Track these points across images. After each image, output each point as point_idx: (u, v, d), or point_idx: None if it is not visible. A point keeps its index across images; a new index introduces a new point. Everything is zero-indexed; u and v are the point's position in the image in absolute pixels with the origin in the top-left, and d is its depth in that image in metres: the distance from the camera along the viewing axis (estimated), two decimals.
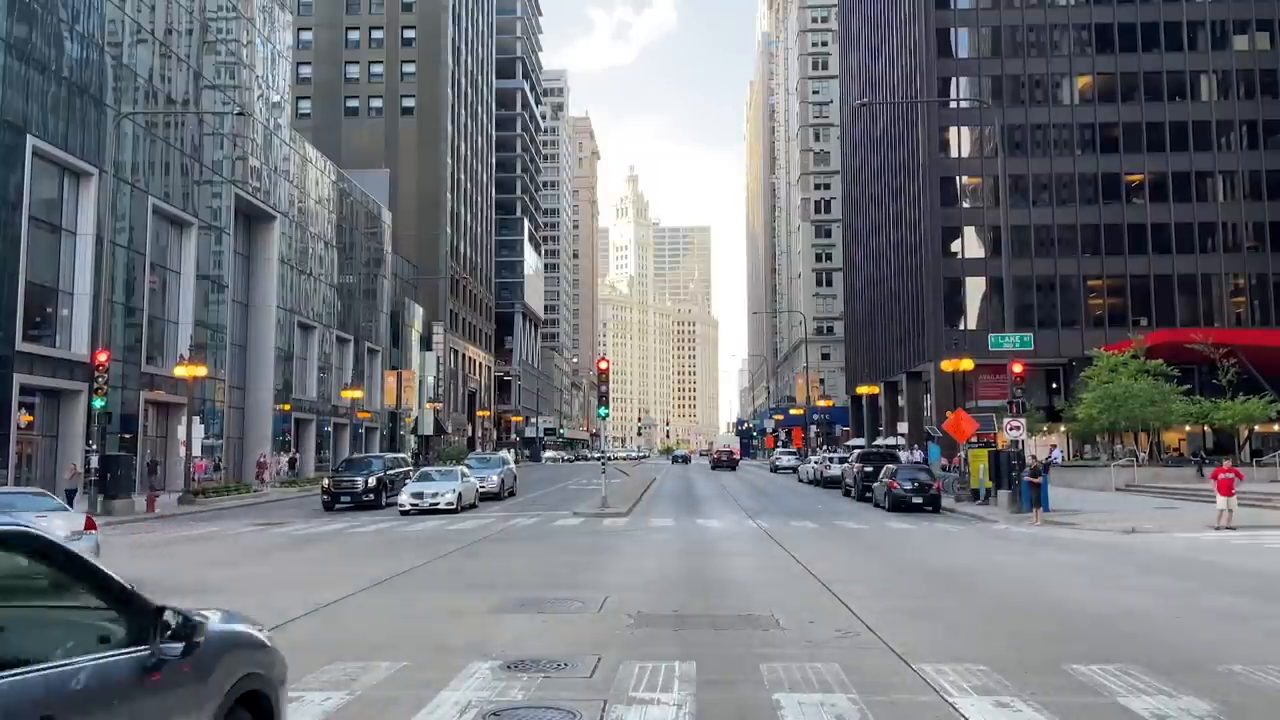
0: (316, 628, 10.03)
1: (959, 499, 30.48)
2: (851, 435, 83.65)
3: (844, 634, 9.56)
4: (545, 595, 12.08)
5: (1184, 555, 17.12)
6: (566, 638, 9.42)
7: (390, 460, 34.98)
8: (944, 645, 9.07)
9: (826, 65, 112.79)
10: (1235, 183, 59.97)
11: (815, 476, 46.47)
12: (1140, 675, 7.70)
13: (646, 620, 10.31)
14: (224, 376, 45.81)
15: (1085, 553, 17.61)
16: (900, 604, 11.56)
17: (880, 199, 77.02)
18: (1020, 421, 27.19)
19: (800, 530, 22.42)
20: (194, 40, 44.15)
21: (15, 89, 30.98)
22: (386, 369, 68.39)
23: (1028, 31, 62.39)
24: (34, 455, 33.04)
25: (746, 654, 8.59)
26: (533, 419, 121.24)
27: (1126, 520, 23.70)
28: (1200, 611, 11.15)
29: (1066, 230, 59.97)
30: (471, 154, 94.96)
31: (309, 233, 56.64)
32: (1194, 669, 8.01)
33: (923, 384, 64.53)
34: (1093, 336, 54.90)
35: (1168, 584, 13.46)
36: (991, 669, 7.91)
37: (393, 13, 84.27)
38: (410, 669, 8.04)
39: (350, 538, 21.03)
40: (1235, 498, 21.65)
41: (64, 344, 34.01)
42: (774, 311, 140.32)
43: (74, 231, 34.39)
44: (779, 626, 9.97)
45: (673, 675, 7.76)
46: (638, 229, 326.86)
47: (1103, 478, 39.25)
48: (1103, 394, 42.04)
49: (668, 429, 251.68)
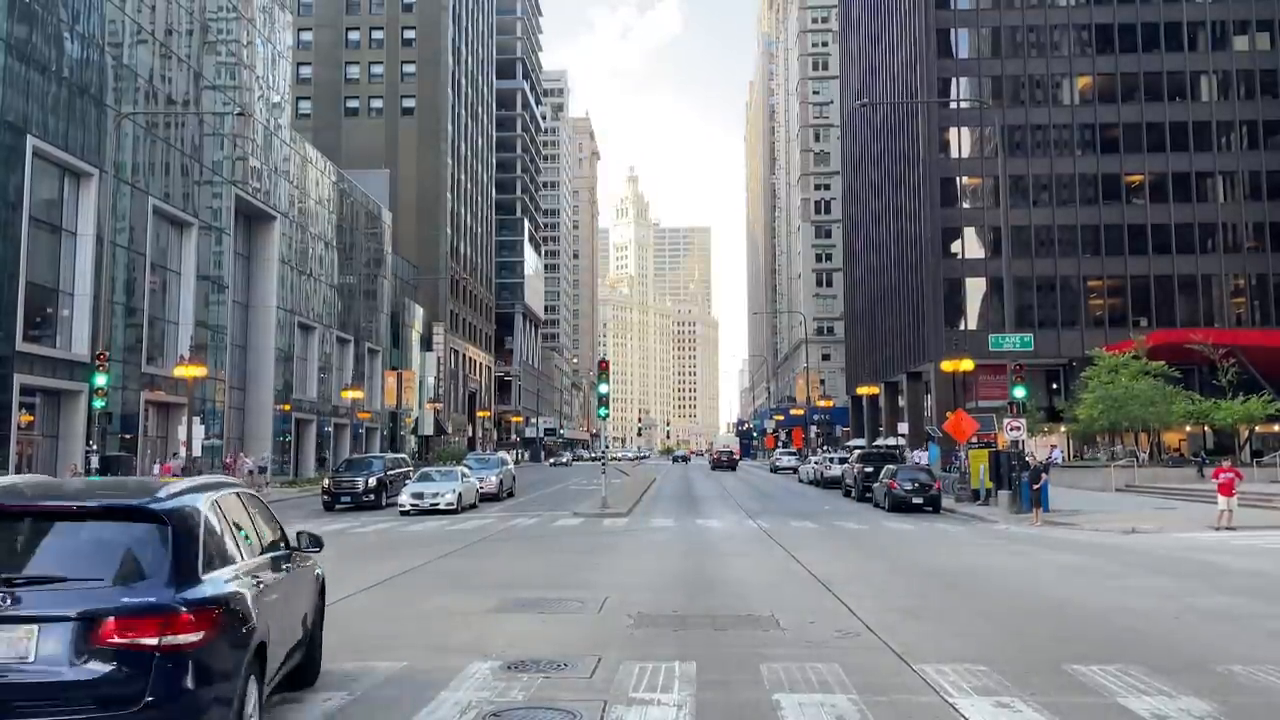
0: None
1: (959, 499, 30.48)
2: (852, 436, 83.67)
3: (844, 634, 9.56)
4: (546, 595, 12.08)
5: (1184, 555, 17.12)
6: (567, 638, 9.42)
7: (390, 461, 34.97)
8: (944, 645, 9.08)
9: (826, 66, 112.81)
10: (1235, 183, 59.96)
11: (815, 477, 46.48)
12: (1140, 675, 7.71)
13: (647, 620, 10.32)
14: (224, 377, 45.82)
15: (1085, 553, 17.61)
16: (900, 604, 11.57)
17: (880, 199, 77.03)
18: (1021, 422, 27.19)
19: (800, 530, 22.43)
20: (194, 41, 44.17)
21: (16, 89, 30.98)
22: (387, 369, 68.40)
23: (1028, 32, 62.38)
24: (34, 455, 33.04)
25: (747, 654, 8.60)
26: (533, 419, 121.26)
27: (1127, 521, 23.70)
28: (1200, 612, 11.15)
29: (1066, 231, 59.96)
30: (472, 154, 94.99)
31: (309, 233, 56.65)
32: (1194, 669, 8.01)
33: (923, 384, 64.52)
34: (1093, 337, 54.89)
35: (1168, 584, 13.46)
36: (991, 669, 7.92)
37: (393, 13, 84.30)
38: (411, 669, 8.05)
39: (351, 538, 21.03)
40: (1236, 498, 21.65)
41: (64, 344, 34.02)
42: (774, 312, 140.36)
43: (74, 232, 34.40)
44: (779, 627, 9.98)
45: (673, 676, 7.76)
46: (638, 229, 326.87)
47: (1103, 478, 39.24)
48: (1103, 394, 42.02)
49: (668, 429, 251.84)
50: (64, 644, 4.42)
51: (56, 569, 4.73)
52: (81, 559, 4.81)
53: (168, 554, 4.81)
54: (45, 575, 4.67)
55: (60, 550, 4.88)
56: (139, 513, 4.97)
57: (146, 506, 4.98)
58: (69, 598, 4.53)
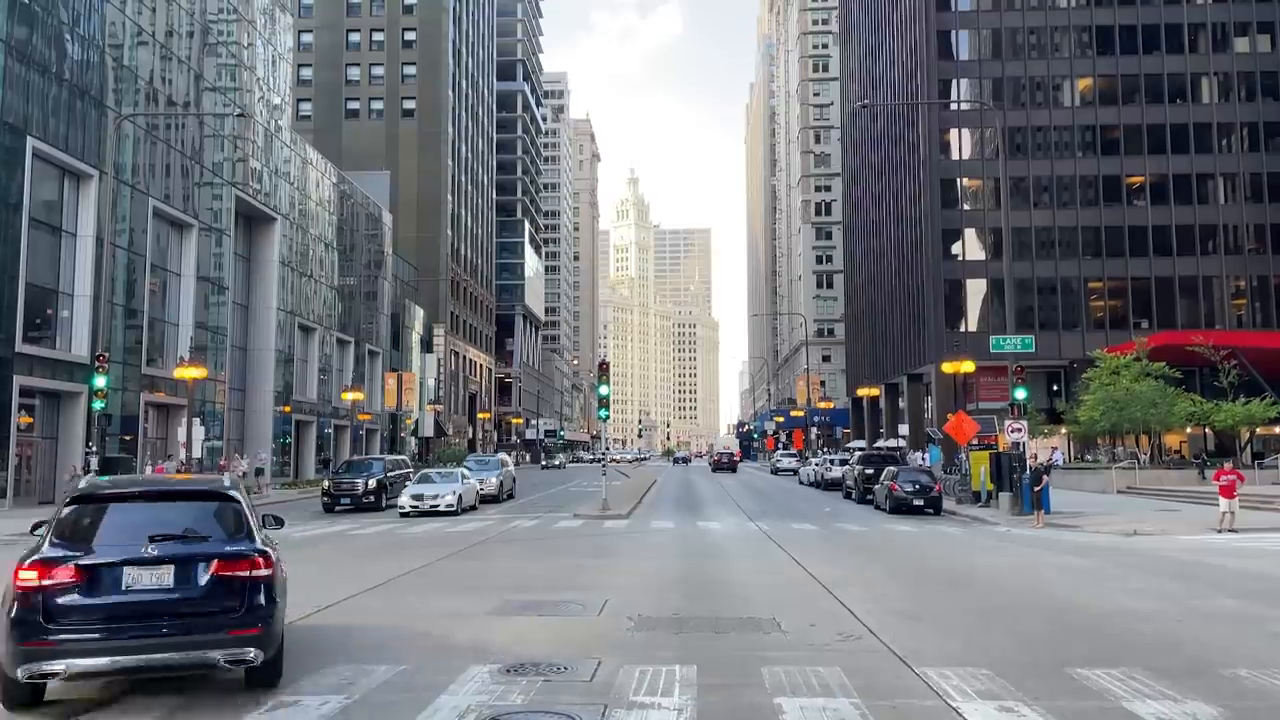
0: (314, 631, 9.97)
1: (960, 501, 30.40)
2: (852, 437, 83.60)
3: (846, 637, 9.50)
4: (545, 598, 12.02)
5: (1186, 558, 17.06)
6: (566, 641, 9.36)
7: (390, 462, 34.86)
8: (946, 649, 9.02)
9: (827, 68, 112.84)
10: (1236, 185, 59.89)
11: (816, 479, 46.38)
12: (1145, 679, 7.65)
13: (647, 623, 10.26)
14: (224, 378, 45.76)
15: (1088, 555, 17.55)
16: (902, 607, 11.51)
17: (881, 201, 76.98)
18: (1022, 424, 27.12)
19: (801, 533, 22.36)
20: (195, 42, 44.15)
21: (16, 91, 30.97)
22: (387, 371, 68.34)
23: (1028, 34, 62.37)
24: (34, 457, 32.99)
25: (748, 657, 8.54)
26: (533, 421, 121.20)
27: (1129, 523, 23.63)
28: (1204, 615, 11.08)
29: (1067, 232, 59.90)
30: (472, 156, 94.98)
31: (309, 234, 56.62)
32: (1199, 673, 7.95)
33: (923, 386, 64.45)
34: (1093, 338, 54.83)
35: (1171, 587, 13.40)
36: (995, 673, 7.86)
37: (393, 15, 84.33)
38: (409, 672, 7.99)
39: (350, 540, 20.98)
40: (1237, 500, 21.59)
41: (64, 346, 33.97)
42: (774, 314, 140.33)
43: (74, 233, 34.36)
44: (780, 630, 9.92)
45: (673, 679, 7.71)
46: (639, 231, 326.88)
47: (1104, 480, 39.16)
48: (1105, 396, 41.96)
49: (668, 431, 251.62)
50: (190, 577, 6.84)
51: (179, 529, 7.08)
52: (193, 523, 7.19)
53: (242, 521, 7.29)
54: (174, 534, 7.00)
55: (179, 518, 7.22)
56: (221, 495, 7.45)
57: (227, 490, 7.48)
58: (191, 546, 6.98)
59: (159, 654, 6.62)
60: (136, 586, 6.71)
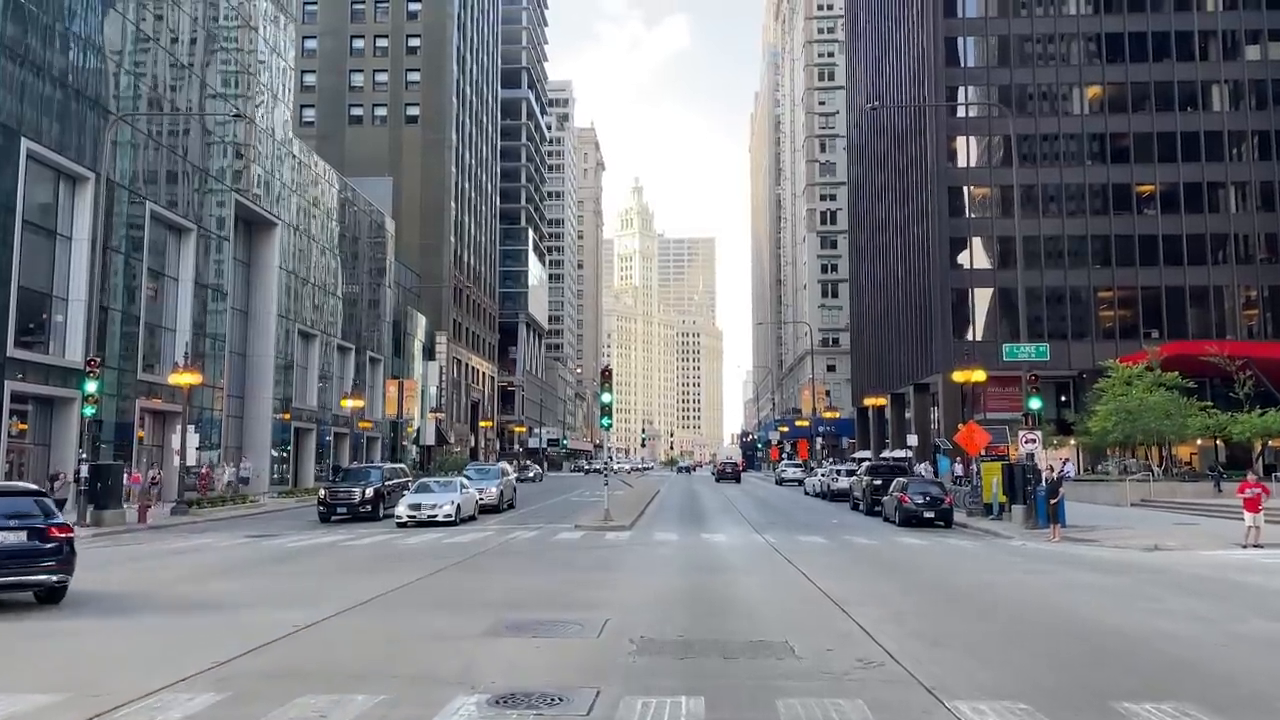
0: (288, 654, 9.28)
1: (971, 513, 29.62)
2: (857, 448, 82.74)
3: (866, 664, 8.79)
4: (542, 617, 11.31)
5: (1215, 575, 16.31)
6: (563, 666, 8.67)
7: (388, 470, 34.14)
8: (977, 678, 8.30)
9: (832, 76, 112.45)
10: (1247, 194, 59.21)
11: (822, 489, 45.60)
12: (1200, 716, 6.93)
13: (650, 647, 9.54)
14: (222, 385, 45.12)
15: (1111, 572, 16.81)
16: (923, 628, 10.79)
17: (887, 209, 76.36)
18: (1036, 434, 26.41)
19: (810, 545, 21.62)
20: (198, 47, 43.69)
21: (10, 91, 30.46)
22: (388, 378, 67.70)
23: (1036, 41, 61.82)
24: (26, 463, 32.37)
25: (760, 687, 7.84)
26: (536, 429, 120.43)
27: (1148, 537, 22.88)
28: (1248, 639, 10.36)
29: (1076, 241, 59.23)
30: (476, 163, 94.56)
31: (311, 240, 56.08)
32: (1257, 707, 7.24)
33: (930, 396, 63.69)
34: (1103, 348, 54.03)
35: (1205, 607, 12.65)
36: (1034, 708, 7.14)
37: (398, 21, 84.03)
38: (389, 703, 7.29)
39: (343, 551, 20.29)
40: (1263, 514, 20.83)
41: (57, 350, 33.41)
42: (779, 323, 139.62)
43: (69, 236, 33.83)
44: (794, 655, 9.20)
45: (679, 713, 7.01)
46: (643, 240, 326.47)
47: (1117, 492, 38.35)
48: (1117, 406, 41.20)
49: (671, 440, 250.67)
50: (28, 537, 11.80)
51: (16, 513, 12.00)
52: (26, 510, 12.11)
53: (47, 510, 12.36)
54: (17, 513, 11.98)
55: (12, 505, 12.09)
56: (33, 492, 12.90)
57: (33, 489, 13.14)
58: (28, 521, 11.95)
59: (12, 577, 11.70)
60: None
